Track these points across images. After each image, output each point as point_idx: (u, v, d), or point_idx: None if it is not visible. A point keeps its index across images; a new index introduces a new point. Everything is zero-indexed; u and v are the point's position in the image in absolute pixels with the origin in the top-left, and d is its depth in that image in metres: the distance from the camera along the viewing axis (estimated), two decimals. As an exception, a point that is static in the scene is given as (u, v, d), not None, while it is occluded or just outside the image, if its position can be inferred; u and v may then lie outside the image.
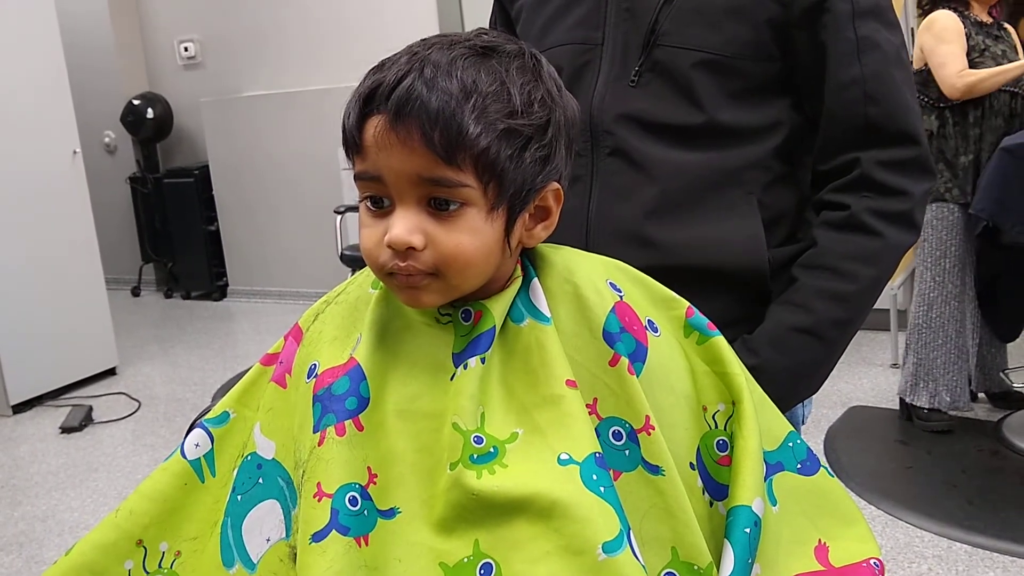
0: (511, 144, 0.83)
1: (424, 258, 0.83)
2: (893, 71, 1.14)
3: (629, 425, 0.87)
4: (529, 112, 0.84)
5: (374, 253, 0.86)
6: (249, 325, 5.96)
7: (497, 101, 0.82)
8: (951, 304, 3.42)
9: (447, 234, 0.83)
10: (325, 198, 5.69)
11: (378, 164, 0.83)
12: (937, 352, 3.43)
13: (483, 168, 0.82)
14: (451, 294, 0.87)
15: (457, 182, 0.82)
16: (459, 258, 0.84)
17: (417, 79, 0.81)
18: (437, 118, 0.80)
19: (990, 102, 3.26)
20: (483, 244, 0.85)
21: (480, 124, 0.81)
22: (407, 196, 0.83)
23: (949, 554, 2.66)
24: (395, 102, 0.81)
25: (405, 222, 0.83)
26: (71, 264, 4.66)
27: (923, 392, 3.46)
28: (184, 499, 0.94)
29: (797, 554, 0.90)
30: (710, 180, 1.16)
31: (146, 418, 4.27)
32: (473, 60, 0.84)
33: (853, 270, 1.13)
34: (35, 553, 3.06)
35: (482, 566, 0.80)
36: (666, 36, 1.15)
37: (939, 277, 3.41)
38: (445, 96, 0.80)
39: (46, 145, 4.53)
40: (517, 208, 0.87)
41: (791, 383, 1.13)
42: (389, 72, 0.83)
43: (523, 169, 0.85)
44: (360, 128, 0.84)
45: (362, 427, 0.85)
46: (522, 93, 0.84)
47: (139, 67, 6.71)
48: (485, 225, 0.84)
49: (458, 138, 0.80)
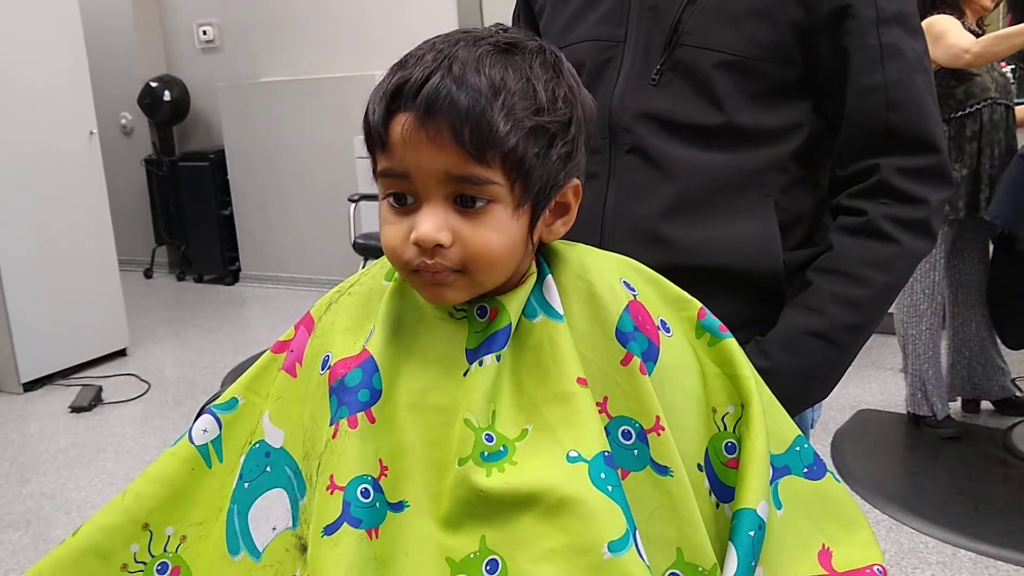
0: (538, 142, 0.83)
1: (451, 255, 0.83)
2: (915, 78, 1.14)
3: (639, 425, 0.87)
4: (554, 109, 0.84)
5: (398, 251, 0.85)
6: (260, 310, 5.97)
7: (524, 98, 0.82)
8: (939, 315, 3.45)
9: (474, 231, 0.83)
10: (339, 186, 5.70)
11: (405, 161, 0.83)
12: (928, 364, 3.46)
13: (511, 166, 0.82)
14: (475, 291, 0.87)
15: (486, 179, 0.82)
16: (486, 255, 0.84)
17: (446, 76, 0.80)
18: (467, 116, 0.79)
19: (989, 116, 3.25)
20: (510, 241, 0.85)
21: (509, 122, 0.81)
22: (434, 193, 0.83)
23: (954, 561, 2.66)
24: (424, 99, 0.80)
25: (433, 220, 0.83)
26: (85, 244, 4.69)
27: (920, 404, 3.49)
28: (191, 484, 0.94)
29: (801, 558, 0.90)
30: (728, 181, 1.15)
31: (155, 400, 4.29)
32: (499, 57, 0.83)
33: (868, 276, 1.12)
34: (42, 531, 3.08)
35: (488, 562, 0.80)
36: (689, 36, 1.15)
37: (928, 289, 3.42)
38: (474, 94, 0.80)
39: (63, 125, 4.56)
40: (541, 205, 0.87)
41: (802, 386, 1.13)
42: (416, 69, 0.82)
43: (548, 166, 0.85)
44: (386, 125, 0.83)
45: (374, 419, 0.85)
46: (547, 90, 0.84)
47: (157, 50, 6.73)
48: (511, 222, 0.84)
49: (488, 136, 0.80)
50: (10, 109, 4.29)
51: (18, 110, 4.32)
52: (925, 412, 3.47)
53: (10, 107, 4.29)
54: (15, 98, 4.31)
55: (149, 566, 0.92)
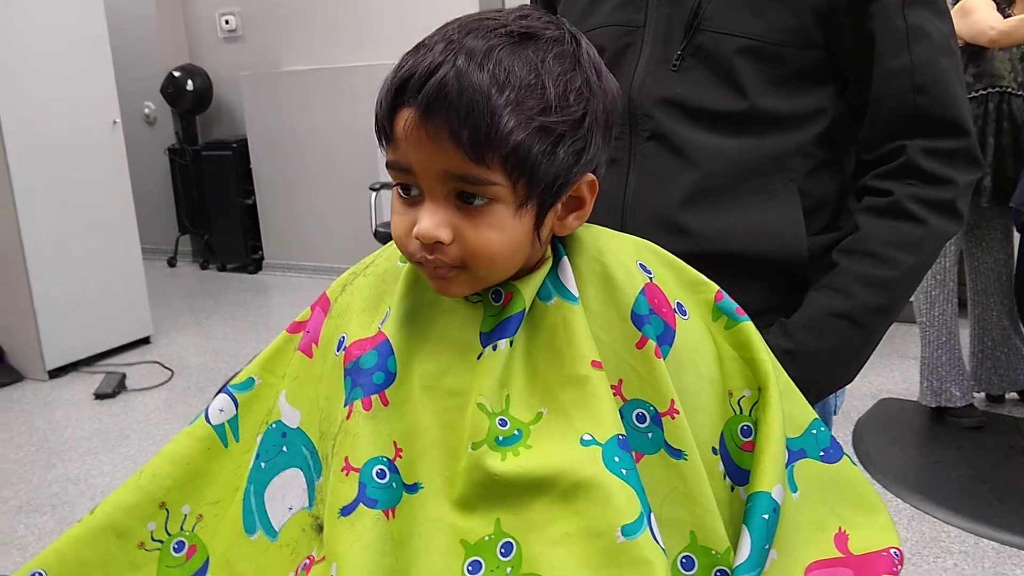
0: (543, 141, 0.81)
1: (451, 252, 0.83)
2: (942, 60, 1.12)
3: (653, 408, 0.87)
4: (564, 106, 0.82)
5: (404, 242, 0.86)
6: (283, 298, 6.00)
7: (531, 96, 0.80)
8: (952, 301, 3.41)
9: (474, 229, 0.82)
10: (361, 175, 5.71)
11: (408, 157, 0.82)
12: (942, 350, 3.42)
13: (512, 166, 0.80)
14: (479, 285, 0.87)
15: (485, 180, 0.80)
16: (485, 253, 0.83)
17: (450, 71, 0.78)
18: (467, 116, 0.78)
19: (997, 104, 3.21)
20: (510, 240, 0.84)
21: (511, 122, 0.78)
22: (436, 190, 0.82)
23: (976, 550, 2.64)
24: (425, 97, 0.79)
25: (433, 217, 0.82)
26: (109, 234, 4.72)
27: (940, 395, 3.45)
28: (207, 463, 0.94)
29: (816, 541, 0.89)
30: (750, 166, 1.15)
31: (178, 387, 4.32)
32: (509, 49, 0.81)
33: (895, 256, 1.11)
34: (67, 515, 3.12)
35: (503, 545, 0.80)
36: (709, 21, 1.14)
37: (940, 276, 3.39)
38: (475, 94, 0.78)
39: (87, 114, 4.59)
40: (548, 203, 0.85)
41: (828, 368, 1.13)
42: (423, 61, 0.80)
43: (555, 164, 0.82)
44: (391, 118, 0.83)
45: (387, 402, 0.85)
46: (558, 86, 0.81)
47: (180, 39, 6.75)
48: (513, 221, 0.83)
49: (487, 137, 0.78)
50: (35, 99, 4.32)
51: (43, 100, 4.35)
52: (941, 403, 3.43)
53: (35, 97, 4.32)
54: (40, 89, 4.34)
55: (166, 544, 0.93)
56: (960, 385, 3.44)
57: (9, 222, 4.29)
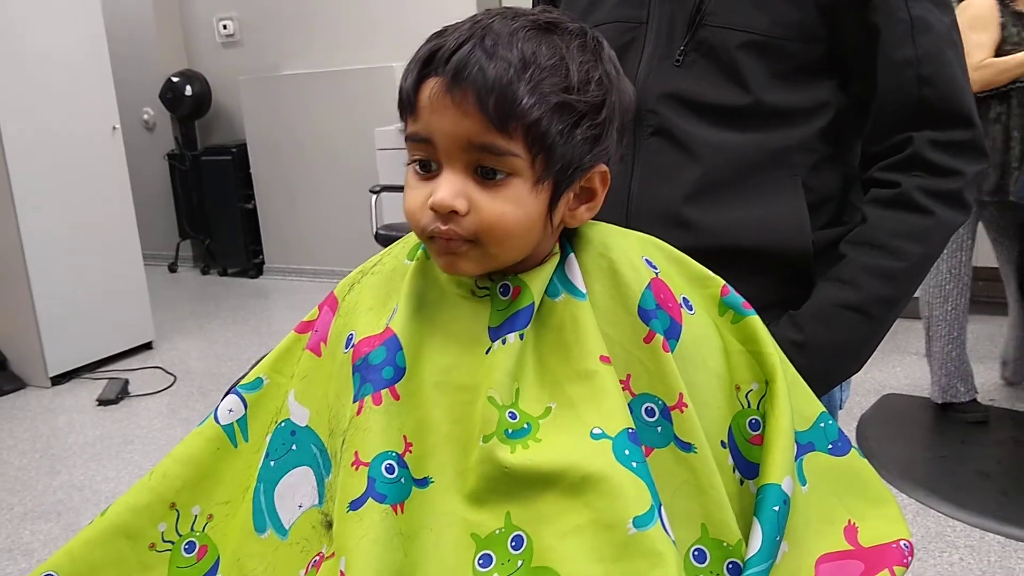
0: (563, 119, 0.83)
1: (465, 224, 0.83)
2: (947, 51, 1.13)
3: (662, 402, 0.87)
4: (585, 89, 0.84)
5: (417, 215, 0.86)
6: (285, 302, 6.00)
7: (554, 75, 0.82)
8: (965, 296, 3.42)
9: (491, 202, 0.83)
10: (361, 177, 5.72)
11: (430, 126, 0.84)
12: (952, 345, 3.43)
13: (533, 139, 0.82)
14: (489, 264, 0.87)
15: (506, 150, 0.82)
16: (499, 227, 0.84)
17: (477, 46, 0.81)
18: (494, 85, 0.80)
19: (1019, 100, 3.20)
20: (525, 216, 0.85)
21: (535, 95, 0.81)
22: (455, 161, 0.84)
23: (982, 544, 2.64)
24: (453, 66, 0.81)
25: (450, 186, 0.83)
26: (110, 240, 4.72)
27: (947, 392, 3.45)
28: (216, 464, 0.95)
29: (826, 533, 0.90)
30: (755, 161, 1.15)
31: (181, 392, 4.32)
32: (534, 33, 0.84)
33: (902, 247, 1.12)
34: (72, 521, 3.12)
35: (513, 538, 0.81)
36: (712, 16, 1.15)
37: (955, 269, 3.40)
38: (503, 64, 0.80)
39: (86, 121, 4.58)
40: (563, 185, 0.87)
41: (836, 359, 1.13)
42: (450, 37, 0.83)
43: (572, 145, 0.84)
44: (416, 89, 0.84)
45: (398, 396, 0.85)
46: (580, 70, 0.84)
47: (178, 44, 6.75)
48: (529, 197, 0.84)
49: (512, 107, 0.80)
50: (33, 106, 4.31)
51: (41, 107, 4.35)
52: (950, 399, 3.44)
53: (34, 104, 4.32)
54: (38, 95, 4.34)
55: (176, 545, 0.93)
56: (965, 381, 3.45)
57: (10, 230, 4.28)
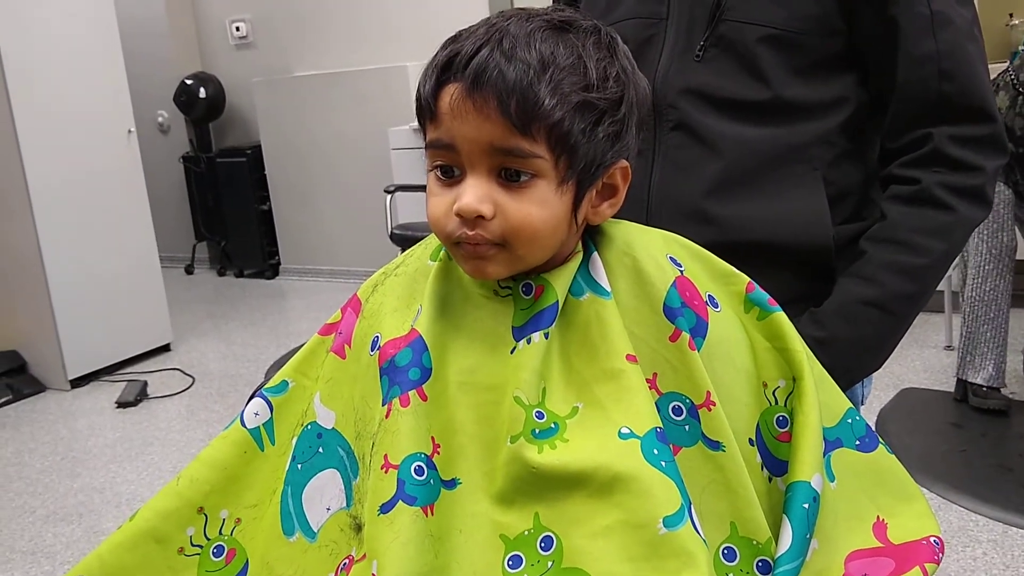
0: (585, 118, 0.83)
1: (492, 228, 0.83)
2: (967, 46, 1.12)
3: (689, 400, 0.87)
4: (604, 87, 0.84)
5: (442, 222, 0.86)
6: (301, 303, 6.02)
7: (573, 74, 0.82)
8: (1006, 278, 3.40)
9: (516, 204, 0.83)
10: (375, 177, 5.72)
11: (452, 132, 0.84)
12: (988, 326, 3.41)
13: (556, 140, 0.82)
14: (516, 266, 0.87)
15: (530, 152, 0.82)
16: (527, 229, 0.84)
17: (495, 49, 0.81)
18: (514, 88, 0.80)
19: None
20: (551, 216, 0.85)
21: (556, 96, 0.81)
22: (478, 165, 0.83)
23: (1005, 539, 2.63)
24: (473, 71, 0.81)
25: (475, 191, 0.83)
26: (127, 243, 4.74)
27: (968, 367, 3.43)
28: (244, 467, 0.95)
29: (855, 530, 0.89)
30: (775, 155, 1.15)
31: (199, 394, 4.34)
32: (550, 34, 0.84)
33: (924, 244, 1.11)
34: (94, 523, 3.13)
35: (543, 539, 0.80)
36: (731, 10, 1.14)
37: (995, 250, 3.39)
38: (523, 67, 0.80)
39: (101, 124, 4.61)
40: (586, 183, 0.87)
41: (858, 356, 1.12)
42: (467, 42, 0.83)
43: (595, 143, 0.84)
44: (436, 95, 0.84)
45: (426, 397, 0.85)
46: (598, 68, 0.84)
47: (192, 47, 6.78)
48: (554, 198, 0.84)
49: (534, 109, 0.80)
50: (49, 111, 4.33)
51: (57, 112, 4.37)
52: (974, 379, 3.41)
53: (49, 109, 4.34)
54: (54, 100, 4.36)
55: (205, 549, 0.93)
56: (997, 365, 3.42)
57: (28, 234, 4.31)
